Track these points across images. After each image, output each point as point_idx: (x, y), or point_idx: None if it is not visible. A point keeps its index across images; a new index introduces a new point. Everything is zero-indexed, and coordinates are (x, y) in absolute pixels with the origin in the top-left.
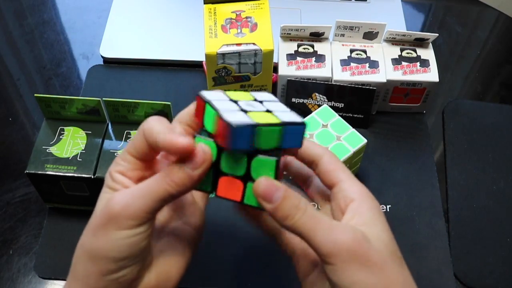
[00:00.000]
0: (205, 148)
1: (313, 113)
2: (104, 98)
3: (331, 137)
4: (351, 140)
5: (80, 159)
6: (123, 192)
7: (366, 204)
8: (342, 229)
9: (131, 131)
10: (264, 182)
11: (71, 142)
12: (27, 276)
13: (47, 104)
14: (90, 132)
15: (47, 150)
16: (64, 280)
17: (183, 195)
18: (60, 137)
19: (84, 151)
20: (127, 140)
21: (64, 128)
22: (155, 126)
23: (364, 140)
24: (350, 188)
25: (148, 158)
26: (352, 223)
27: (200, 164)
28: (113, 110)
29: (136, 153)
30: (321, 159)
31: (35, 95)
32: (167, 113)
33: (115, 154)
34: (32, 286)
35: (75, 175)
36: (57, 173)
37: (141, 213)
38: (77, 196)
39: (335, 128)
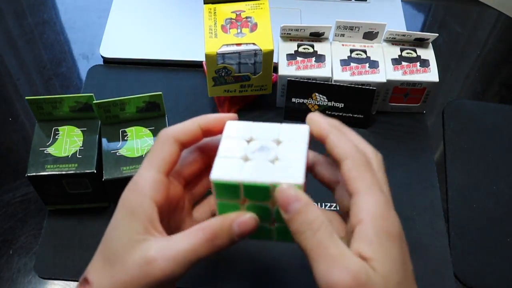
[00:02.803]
0: (257, 219)
1: None
2: (94, 101)
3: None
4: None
5: (80, 156)
6: (165, 254)
7: (375, 228)
8: (343, 267)
9: (127, 129)
10: (285, 190)
11: (68, 141)
12: (27, 276)
13: (39, 105)
14: (85, 128)
15: (45, 151)
16: (64, 280)
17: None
18: (56, 137)
19: (82, 148)
20: (125, 139)
21: (58, 128)
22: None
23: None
24: (362, 205)
25: (172, 169)
26: (358, 248)
27: (250, 233)
28: (104, 112)
29: (166, 166)
30: (343, 162)
31: (26, 98)
32: (159, 103)
33: (117, 154)
34: (32, 286)
35: (78, 172)
36: (59, 172)
37: (181, 276)
38: (80, 194)
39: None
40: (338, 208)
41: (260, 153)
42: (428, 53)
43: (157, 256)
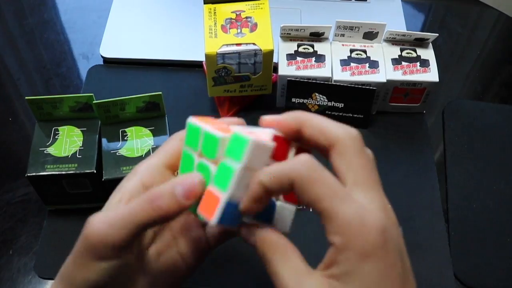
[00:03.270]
0: (202, 180)
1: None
2: (94, 101)
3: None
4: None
5: (80, 156)
6: (101, 218)
7: (346, 251)
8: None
9: (126, 129)
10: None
11: (68, 141)
12: (27, 276)
13: (39, 106)
14: (85, 128)
15: (44, 152)
16: None
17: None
18: (56, 137)
19: (82, 148)
20: (125, 139)
21: (58, 128)
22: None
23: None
24: (342, 213)
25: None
26: (324, 274)
27: (195, 195)
28: (104, 112)
29: (172, 164)
30: (330, 153)
31: (26, 98)
32: (159, 103)
33: (117, 153)
34: (32, 286)
35: (77, 172)
36: (59, 173)
37: (121, 242)
38: (80, 194)
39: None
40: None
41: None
42: (428, 53)
43: (94, 221)
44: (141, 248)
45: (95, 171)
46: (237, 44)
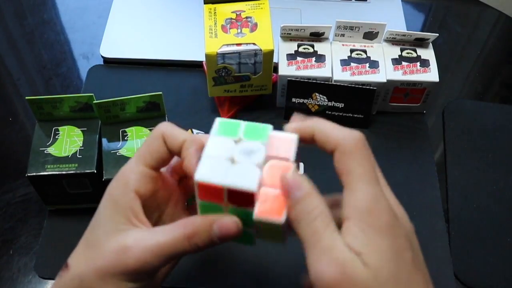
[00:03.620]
0: (239, 224)
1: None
2: (94, 101)
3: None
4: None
5: (80, 156)
6: (141, 244)
7: (360, 224)
8: (332, 258)
9: (127, 129)
10: (287, 178)
11: (68, 141)
12: (27, 276)
13: (39, 105)
14: (86, 128)
15: (45, 151)
16: None
17: None
18: (56, 137)
19: (82, 148)
20: (125, 139)
21: (59, 128)
22: (174, 130)
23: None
24: (349, 201)
25: (162, 166)
26: (347, 245)
27: (230, 237)
28: (104, 112)
29: (153, 161)
30: (334, 154)
31: (26, 98)
32: (159, 103)
33: (117, 153)
34: (32, 286)
35: (78, 172)
36: (59, 172)
37: (156, 269)
38: (80, 194)
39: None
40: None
41: (247, 156)
42: (428, 53)
43: (133, 245)
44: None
45: (95, 171)
46: (237, 44)
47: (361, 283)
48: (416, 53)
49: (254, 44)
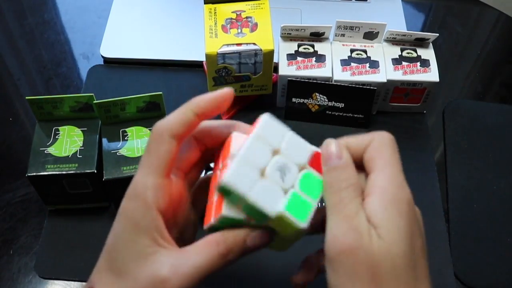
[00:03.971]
0: (268, 234)
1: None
2: (94, 101)
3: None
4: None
5: (80, 156)
6: (178, 272)
7: (382, 201)
8: (351, 226)
9: (127, 129)
10: (330, 146)
11: (68, 141)
12: (27, 276)
13: (39, 105)
14: (86, 128)
15: (45, 151)
16: (64, 280)
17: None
18: (56, 137)
19: (82, 148)
20: (125, 139)
21: (59, 128)
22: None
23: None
24: (373, 181)
25: (171, 169)
26: (367, 219)
27: (260, 248)
28: (104, 112)
29: (165, 168)
30: (368, 148)
31: (27, 98)
32: (159, 103)
33: (117, 153)
34: (32, 286)
35: (78, 172)
36: (59, 172)
37: None
38: (80, 194)
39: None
40: None
41: (278, 173)
42: (428, 53)
43: (171, 276)
44: None
45: (95, 171)
46: (238, 44)
47: (374, 253)
48: (416, 53)
49: (254, 44)
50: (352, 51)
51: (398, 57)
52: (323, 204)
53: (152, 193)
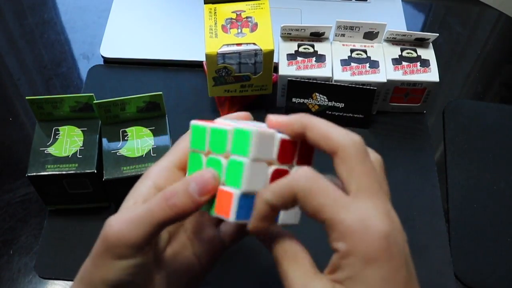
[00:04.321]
0: (215, 174)
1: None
2: (94, 101)
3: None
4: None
5: (80, 156)
6: (120, 217)
7: (350, 258)
8: None
9: (127, 129)
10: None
11: (68, 141)
12: (27, 276)
13: (39, 105)
14: (86, 128)
15: (45, 152)
16: (64, 280)
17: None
18: (56, 137)
19: (82, 148)
20: (125, 139)
21: (59, 128)
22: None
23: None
24: (347, 218)
25: None
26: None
27: (209, 191)
28: (104, 112)
29: (184, 164)
30: (334, 158)
31: (27, 98)
32: (159, 103)
33: (117, 153)
34: (32, 286)
35: (78, 172)
36: (59, 172)
37: (139, 241)
38: (80, 194)
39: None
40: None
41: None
42: (428, 53)
43: (112, 220)
44: (158, 249)
45: (95, 171)
46: (238, 44)
47: None
48: (416, 53)
49: (254, 44)
50: (352, 51)
51: (398, 57)
52: None
53: (156, 170)
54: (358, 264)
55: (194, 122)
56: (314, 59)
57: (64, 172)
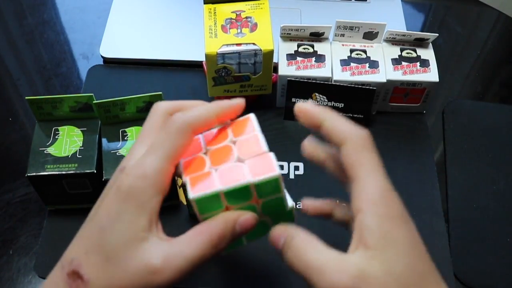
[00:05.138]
0: (255, 215)
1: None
2: (94, 101)
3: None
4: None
5: (80, 156)
6: (171, 265)
7: (376, 217)
8: (339, 271)
9: (127, 129)
10: (272, 232)
11: (68, 141)
12: (27, 276)
13: (39, 105)
14: (85, 128)
15: (44, 152)
16: None
17: None
18: (56, 137)
19: (82, 148)
20: (125, 139)
21: (58, 128)
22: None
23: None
24: (361, 192)
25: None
26: (359, 247)
27: (248, 231)
28: (104, 112)
29: (178, 159)
30: (341, 147)
31: (26, 98)
32: None
33: (117, 153)
34: (32, 286)
35: (78, 172)
36: (59, 173)
37: (179, 280)
38: (80, 194)
39: None
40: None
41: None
42: (428, 53)
43: (163, 266)
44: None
45: (95, 171)
46: (237, 44)
47: (376, 281)
48: (416, 53)
49: (254, 44)
50: (351, 51)
51: (397, 57)
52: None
53: (161, 179)
54: (385, 224)
55: (197, 194)
56: (313, 59)
57: (63, 172)
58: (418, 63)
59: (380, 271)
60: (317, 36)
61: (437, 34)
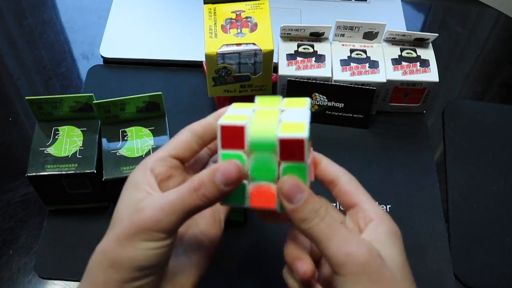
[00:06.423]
0: (239, 164)
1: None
2: (94, 101)
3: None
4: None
5: (80, 156)
6: (153, 204)
7: (384, 226)
8: (358, 242)
9: (127, 129)
10: (289, 181)
11: (68, 141)
12: (27, 276)
13: (39, 105)
14: (85, 128)
15: (44, 152)
16: (64, 280)
17: None
18: (56, 137)
19: (82, 148)
20: (125, 139)
21: (58, 128)
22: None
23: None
24: (371, 209)
25: (188, 157)
26: (369, 240)
27: (234, 180)
28: (104, 112)
29: (179, 151)
30: (340, 179)
31: (26, 98)
32: (159, 103)
33: (117, 154)
34: (32, 286)
35: (77, 172)
36: (59, 172)
37: (171, 227)
38: (80, 194)
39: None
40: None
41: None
42: (428, 53)
43: (145, 206)
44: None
45: (95, 171)
46: (237, 44)
47: (390, 266)
48: (416, 53)
49: (254, 44)
50: (351, 51)
51: (397, 57)
52: None
53: (151, 160)
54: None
55: (223, 122)
56: (313, 59)
57: (63, 172)
58: (418, 63)
59: (387, 258)
60: (317, 36)
61: (437, 34)
